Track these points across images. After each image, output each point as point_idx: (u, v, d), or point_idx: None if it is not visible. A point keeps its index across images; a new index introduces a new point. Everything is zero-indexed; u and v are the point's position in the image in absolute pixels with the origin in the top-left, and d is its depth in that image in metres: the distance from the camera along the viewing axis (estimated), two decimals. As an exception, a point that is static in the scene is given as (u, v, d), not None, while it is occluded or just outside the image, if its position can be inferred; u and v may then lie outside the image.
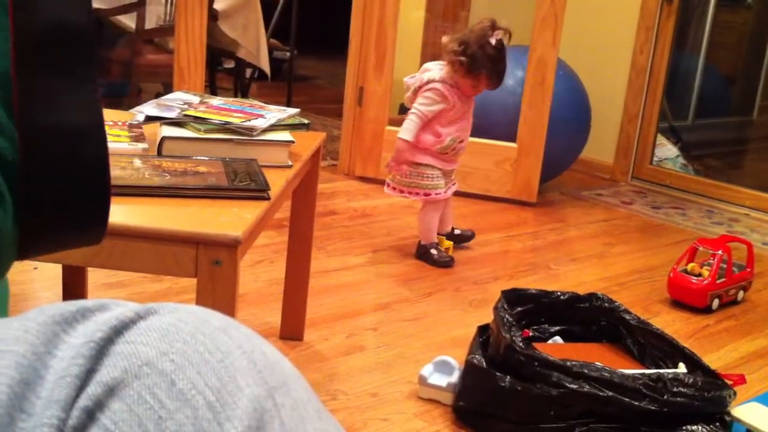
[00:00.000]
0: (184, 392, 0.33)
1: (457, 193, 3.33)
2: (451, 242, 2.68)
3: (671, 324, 2.30)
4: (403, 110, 4.59)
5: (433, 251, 2.58)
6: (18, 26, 0.48)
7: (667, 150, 4.20)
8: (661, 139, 4.16)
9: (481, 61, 2.48)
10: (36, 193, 0.50)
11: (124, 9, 3.58)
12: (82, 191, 0.52)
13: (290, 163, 1.51)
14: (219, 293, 1.13)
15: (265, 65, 4.19)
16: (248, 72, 4.50)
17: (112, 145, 1.47)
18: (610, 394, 1.55)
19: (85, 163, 0.51)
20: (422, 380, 1.73)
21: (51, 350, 0.35)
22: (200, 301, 1.13)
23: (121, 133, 1.55)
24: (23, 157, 0.49)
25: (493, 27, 2.50)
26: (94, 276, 1.99)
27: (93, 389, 0.33)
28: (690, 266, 2.47)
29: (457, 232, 2.75)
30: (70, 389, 0.33)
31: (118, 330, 0.36)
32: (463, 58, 2.49)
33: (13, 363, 0.34)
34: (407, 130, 2.54)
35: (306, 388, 0.38)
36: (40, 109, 0.50)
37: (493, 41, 2.48)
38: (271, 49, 4.36)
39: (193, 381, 0.34)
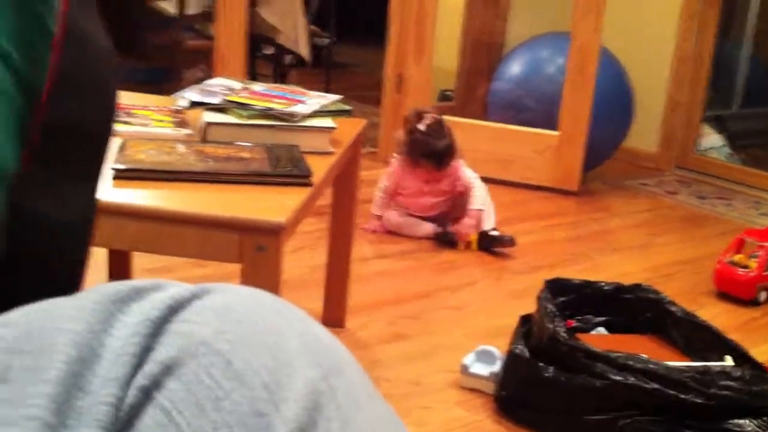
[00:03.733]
0: (240, 372, 0.33)
1: (497, 182, 3.31)
2: (474, 239, 2.59)
3: (717, 316, 2.25)
4: (443, 97, 4.58)
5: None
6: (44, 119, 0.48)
7: (712, 139, 4.13)
8: (705, 128, 4.08)
9: (414, 150, 2.65)
10: (8, 270, 0.49)
11: (166, -5, 3.60)
12: (52, 282, 0.51)
13: (332, 150, 1.51)
14: (263, 279, 1.13)
15: (305, 51, 4.19)
16: (287, 58, 4.50)
17: (156, 130, 1.47)
18: (656, 386, 1.53)
19: (62, 258, 0.51)
20: (464, 369, 1.72)
21: (107, 328, 0.35)
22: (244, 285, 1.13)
23: (164, 119, 1.55)
24: (5, 235, 0.48)
25: (418, 116, 2.69)
26: (139, 261, 2.00)
27: (150, 368, 0.33)
28: (737, 258, 2.42)
29: (493, 233, 2.62)
30: (127, 367, 0.33)
31: (174, 309, 0.36)
32: (403, 152, 2.70)
33: (70, 341, 0.34)
34: (374, 206, 2.74)
35: (359, 371, 0.38)
36: (34, 195, 0.50)
37: (422, 127, 2.63)
38: (310, 36, 4.36)
39: (249, 361, 0.34)
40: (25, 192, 0.48)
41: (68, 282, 0.52)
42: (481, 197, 2.65)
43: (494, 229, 2.63)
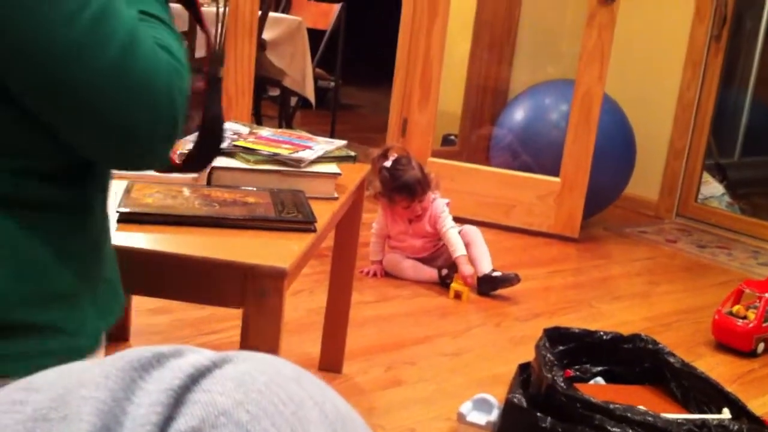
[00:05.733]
0: None
1: (498, 227, 3.33)
2: (466, 288, 2.56)
3: (715, 367, 2.25)
4: (446, 141, 4.62)
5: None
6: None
7: (712, 187, 4.15)
8: (706, 177, 4.11)
9: (385, 187, 2.68)
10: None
11: (175, 37, 3.64)
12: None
13: (336, 195, 1.52)
14: (264, 324, 1.13)
15: (311, 94, 4.23)
16: (293, 100, 4.54)
17: (162, 174, 1.49)
18: (654, 439, 1.52)
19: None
20: (461, 418, 1.71)
21: (129, 396, 0.35)
22: (246, 331, 1.14)
23: (171, 162, 1.57)
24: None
25: (383, 154, 2.72)
26: (138, 301, 2.01)
27: None
28: (735, 308, 2.43)
29: (496, 274, 2.62)
30: None
31: (195, 378, 0.36)
32: (377, 193, 2.70)
33: (95, 410, 0.34)
34: (371, 251, 2.75)
35: None
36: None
37: (387, 164, 2.67)
38: (316, 79, 4.41)
39: None
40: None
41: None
42: (457, 244, 2.65)
43: (494, 270, 2.64)
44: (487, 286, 2.61)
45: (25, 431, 0.34)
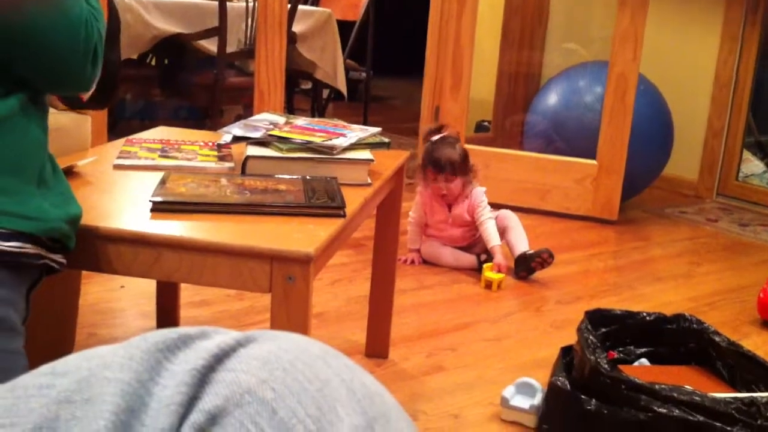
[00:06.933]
0: (285, 421, 0.33)
1: (535, 212, 3.30)
2: (499, 276, 2.51)
3: (762, 346, 2.21)
4: (479, 128, 4.59)
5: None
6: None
7: (753, 165, 4.07)
8: (746, 155, 4.03)
9: (424, 159, 2.68)
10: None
11: (206, 33, 3.67)
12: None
13: (369, 182, 1.52)
14: (292, 309, 1.13)
15: (342, 86, 4.23)
16: (325, 92, 4.55)
17: (199, 164, 1.50)
18: (701, 419, 1.49)
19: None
20: (504, 402, 1.70)
21: (154, 377, 0.35)
22: (274, 316, 1.14)
23: (210, 153, 1.58)
24: None
25: (438, 129, 2.73)
26: (182, 294, 2.03)
27: (196, 417, 0.34)
28: (782, 286, 2.38)
29: (529, 252, 2.60)
30: (174, 417, 0.34)
31: (220, 358, 0.36)
32: (420, 167, 2.71)
33: (119, 391, 0.34)
34: (409, 240, 2.74)
35: (405, 419, 0.38)
36: None
37: (434, 138, 2.68)
38: (347, 70, 4.40)
39: (294, 410, 0.34)
40: None
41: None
42: (493, 234, 2.64)
43: (528, 250, 2.62)
44: (522, 266, 2.59)
45: (49, 414, 0.34)
